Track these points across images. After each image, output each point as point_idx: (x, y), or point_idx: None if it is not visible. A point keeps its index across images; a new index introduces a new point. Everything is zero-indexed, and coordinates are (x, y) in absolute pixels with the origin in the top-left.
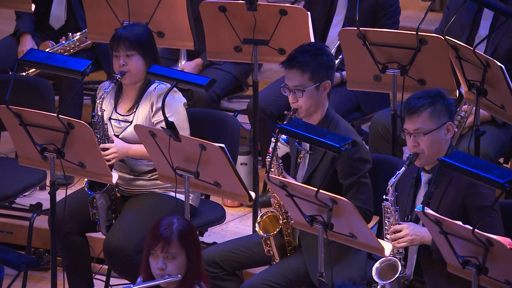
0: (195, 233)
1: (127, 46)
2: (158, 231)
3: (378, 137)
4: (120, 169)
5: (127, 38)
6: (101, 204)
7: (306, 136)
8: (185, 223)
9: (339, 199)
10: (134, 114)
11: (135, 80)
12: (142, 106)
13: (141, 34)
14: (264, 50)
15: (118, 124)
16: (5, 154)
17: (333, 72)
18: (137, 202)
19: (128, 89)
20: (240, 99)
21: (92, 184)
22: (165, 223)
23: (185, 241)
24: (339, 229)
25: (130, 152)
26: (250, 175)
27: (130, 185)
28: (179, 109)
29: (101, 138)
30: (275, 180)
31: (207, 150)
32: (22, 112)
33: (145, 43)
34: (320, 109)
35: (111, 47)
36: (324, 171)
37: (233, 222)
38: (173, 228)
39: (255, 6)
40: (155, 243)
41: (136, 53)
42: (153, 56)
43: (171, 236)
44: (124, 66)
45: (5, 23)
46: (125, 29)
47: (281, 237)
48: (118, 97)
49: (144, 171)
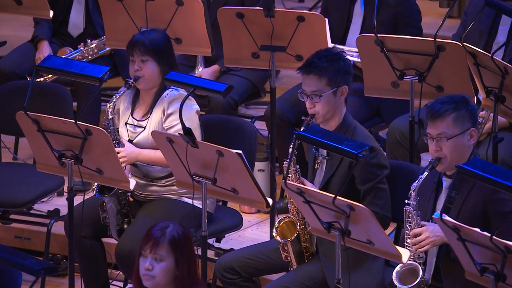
0: (190, 243)
1: (141, 51)
2: (151, 231)
3: (396, 143)
4: (134, 174)
5: (143, 43)
6: (110, 208)
7: (323, 143)
8: (181, 230)
9: (357, 205)
10: (148, 120)
11: (150, 86)
12: (155, 112)
13: (157, 40)
14: (281, 56)
15: (133, 129)
16: (23, 160)
17: (350, 77)
18: (150, 208)
19: (144, 95)
20: (257, 105)
21: (102, 188)
22: (160, 225)
23: (176, 247)
24: (357, 235)
25: (140, 157)
26: (268, 181)
27: (144, 190)
28: (191, 116)
29: (111, 142)
30: (293, 187)
31: (225, 157)
32: (40, 118)
33: (160, 49)
34: (337, 114)
35: (127, 52)
36: (341, 177)
37: (251, 229)
38: (166, 231)
39: (273, 12)
40: (146, 242)
41: (151, 58)
42: (169, 63)
43: (161, 237)
44: (139, 71)
45: (23, 30)
46: (142, 34)
47: (298, 243)
48: (135, 102)
49: (157, 176)
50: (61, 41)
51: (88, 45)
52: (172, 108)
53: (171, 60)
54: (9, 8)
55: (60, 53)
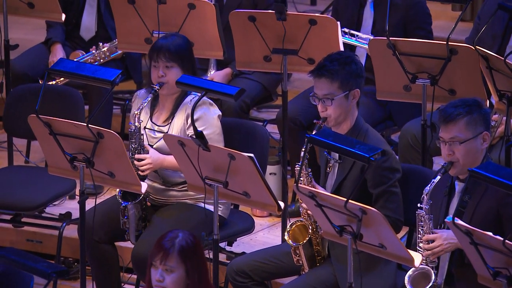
0: (200, 250)
1: (167, 58)
2: (161, 241)
3: (408, 147)
4: (152, 179)
5: (168, 49)
6: (132, 214)
7: (335, 146)
8: (190, 239)
9: (369, 209)
10: (169, 125)
11: (173, 91)
12: (178, 118)
13: (181, 45)
14: (293, 59)
15: (153, 134)
16: (35, 163)
17: (362, 80)
18: (166, 212)
19: (164, 99)
20: (269, 108)
21: (124, 193)
22: (170, 235)
23: (186, 256)
24: (369, 239)
25: (165, 163)
26: (279, 184)
27: (161, 195)
28: (214, 122)
29: (136, 148)
30: (304, 190)
31: (236, 160)
32: (52, 121)
33: (184, 55)
34: (349, 118)
35: (150, 57)
36: (353, 180)
37: (262, 232)
38: (175, 241)
39: (285, 16)
40: (156, 253)
41: (176, 64)
42: (192, 68)
43: (170, 248)
44: (163, 77)
45: (35, 33)
46: (166, 39)
47: (310, 247)
48: (154, 107)
49: (176, 182)
50: (73, 44)
51: (100, 48)
52: (196, 114)
53: (193, 65)
54: (21, 11)
55: (72, 56)
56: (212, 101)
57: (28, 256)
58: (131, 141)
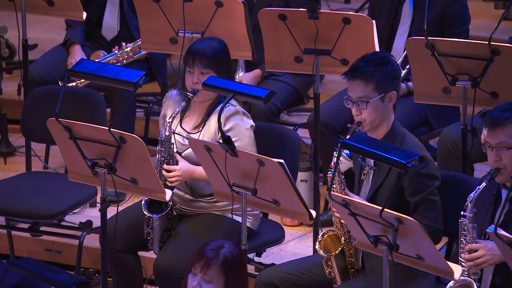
0: (243, 265)
1: (203, 64)
2: (204, 249)
3: (447, 153)
4: (180, 188)
5: (204, 54)
6: (157, 226)
7: (370, 152)
8: (236, 251)
9: (405, 218)
10: (200, 133)
11: (207, 98)
12: (209, 125)
13: (218, 50)
14: (326, 60)
15: (182, 140)
16: (54, 169)
17: (398, 82)
18: (192, 222)
19: (196, 105)
20: (300, 112)
21: (150, 204)
22: (214, 243)
23: (228, 269)
24: (406, 250)
25: (195, 175)
26: (311, 192)
27: (188, 205)
28: (246, 133)
29: (166, 158)
30: (337, 198)
31: (266, 166)
32: (72, 125)
33: (221, 61)
34: (385, 122)
35: (185, 62)
36: (389, 188)
37: (293, 242)
38: (220, 252)
39: (317, 14)
40: (198, 260)
41: (212, 71)
42: (228, 73)
43: (214, 258)
44: (198, 84)
45: (55, 32)
46: (202, 43)
47: (343, 258)
48: (185, 111)
49: (205, 193)
50: (95, 44)
51: (122, 48)
52: (229, 125)
53: (230, 71)
54: (40, 9)
55: (94, 56)
56: (246, 111)
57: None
58: (160, 150)
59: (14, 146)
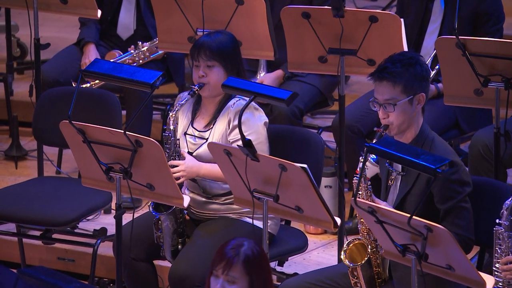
0: (266, 262)
1: (208, 56)
2: (224, 249)
3: (479, 158)
4: (192, 189)
5: (209, 47)
6: (166, 227)
7: (398, 156)
8: (256, 248)
9: (435, 226)
10: (210, 131)
11: (215, 94)
12: (219, 123)
13: (225, 43)
14: (351, 60)
15: (193, 140)
16: (67, 174)
17: (427, 84)
18: (208, 228)
19: (207, 103)
20: (324, 114)
21: (157, 205)
22: (233, 242)
23: (251, 267)
24: (435, 260)
25: (201, 171)
26: (335, 198)
27: (202, 208)
28: (259, 128)
29: (171, 155)
30: (363, 205)
31: (288, 171)
32: (86, 128)
33: (228, 54)
34: (413, 125)
35: (192, 56)
36: (418, 194)
37: (316, 251)
38: (240, 250)
39: (342, 12)
40: (218, 261)
41: (218, 64)
42: (237, 68)
43: (235, 257)
44: (204, 78)
45: (68, 31)
46: (208, 36)
47: (369, 268)
48: (196, 111)
49: (218, 194)
50: (110, 44)
51: (139, 48)
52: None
53: (239, 66)
54: (53, 8)
55: (108, 56)
56: (258, 106)
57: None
58: (166, 147)
59: (26, 150)
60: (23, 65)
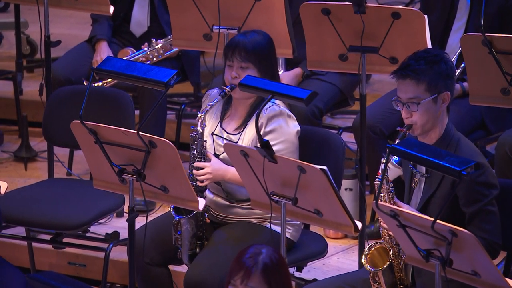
0: (285, 270)
1: (242, 57)
2: (242, 258)
3: (506, 159)
4: (215, 192)
5: (244, 47)
6: (186, 230)
7: (421, 158)
8: (275, 256)
9: (460, 231)
10: (240, 134)
11: (247, 96)
12: (250, 127)
13: (261, 44)
14: (373, 58)
15: (221, 141)
16: (79, 176)
17: (453, 82)
18: (227, 231)
19: (237, 104)
20: (345, 114)
21: (179, 207)
22: (251, 251)
23: (270, 276)
24: (460, 265)
25: (227, 175)
26: (356, 202)
27: (223, 211)
28: (291, 137)
29: (197, 156)
30: (385, 208)
31: (307, 173)
32: (97, 128)
33: (263, 55)
34: (438, 125)
35: (225, 55)
36: (442, 197)
37: (336, 256)
38: (259, 259)
39: (364, 8)
40: (236, 271)
41: (252, 65)
42: (271, 70)
43: (253, 267)
44: (236, 79)
45: (79, 28)
46: (244, 36)
47: (391, 273)
48: (225, 111)
49: (241, 198)
50: (122, 41)
51: (153, 45)
52: (271, 126)
53: (273, 68)
54: (64, 3)
55: (121, 54)
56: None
57: (70, 281)
58: (192, 148)
59: (36, 151)
60: (33, 63)
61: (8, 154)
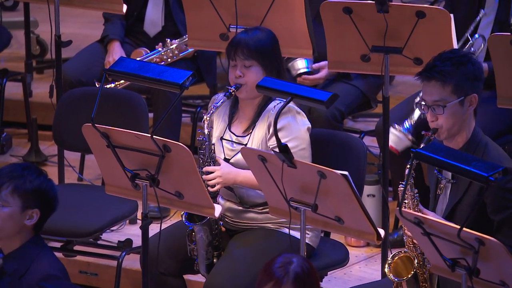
0: (316, 280)
1: (245, 55)
2: (272, 268)
3: None
4: (228, 197)
5: (247, 45)
6: (200, 238)
7: (447, 163)
8: (306, 265)
9: (488, 239)
10: (249, 136)
11: (252, 95)
12: (259, 127)
13: (264, 40)
14: (396, 59)
15: (230, 146)
16: (90, 181)
17: (480, 84)
18: (245, 238)
19: (244, 105)
20: (367, 117)
21: (191, 215)
22: (281, 260)
23: (302, 286)
24: (487, 275)
25: (238, 178)
26: (379, 208)
27: (238, 217)
28: (301, 134)
29: (205, 161)
30: (409, 215)
31: (327, 179)
32: (110, 131)
33: (267, 52)
34: (465, 129)
35: (228, 55)
36: (469, 204)
37: (358, 265)
38: (290, 268)
39: (387, 7)
40: (265, 281)
41: (256, 63)
42: (276, 68)
43: (284, 277)
44: (241, 78)
45: (91, 27)
46: (245, 33)
47: (416, 283)
48: (233, 114)
49: (255, 203)
50: (136, 41)
51: (167, 45)
52: (280, 123)
53: (279, 65)
54: (75, 2)
55: (135, 54)
56: (301, 110)
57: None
58: (200, 152)
59: (46, 155)
60: (43, 64)
61: (17, 158)
